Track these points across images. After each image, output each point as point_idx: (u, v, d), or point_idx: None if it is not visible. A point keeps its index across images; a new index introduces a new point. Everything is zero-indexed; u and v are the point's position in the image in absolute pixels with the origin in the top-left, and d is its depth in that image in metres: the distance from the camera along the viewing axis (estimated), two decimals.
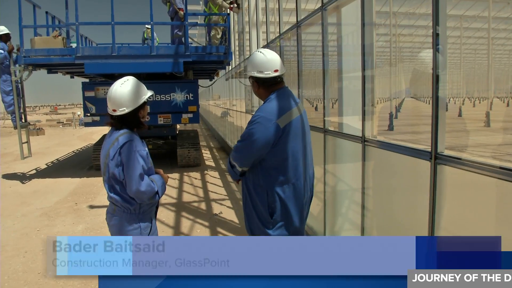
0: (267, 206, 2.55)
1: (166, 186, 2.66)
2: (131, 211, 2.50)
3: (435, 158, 2.06)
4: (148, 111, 2.62)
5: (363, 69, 2.86)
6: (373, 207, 2.91)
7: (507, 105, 39.80)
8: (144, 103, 2.53)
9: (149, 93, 2.56)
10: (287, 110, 2.51)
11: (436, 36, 2.04)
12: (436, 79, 2.02)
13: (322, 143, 3.68)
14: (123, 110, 2.43)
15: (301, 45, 4.37)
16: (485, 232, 1.99)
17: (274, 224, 2.56)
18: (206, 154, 12.77)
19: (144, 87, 2.56)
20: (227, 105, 14.78)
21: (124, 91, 2.44)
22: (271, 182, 2.53)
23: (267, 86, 2.59)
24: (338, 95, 3.63)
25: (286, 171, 2.52)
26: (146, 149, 2.58)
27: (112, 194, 2.50)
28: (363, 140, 2.85)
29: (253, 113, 2.77)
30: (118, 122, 2.50)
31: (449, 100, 44.13)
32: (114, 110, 2.45)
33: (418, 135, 13.96)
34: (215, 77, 13.41)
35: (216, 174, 9.38)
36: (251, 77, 2.59)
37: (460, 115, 27.72)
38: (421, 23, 23.49)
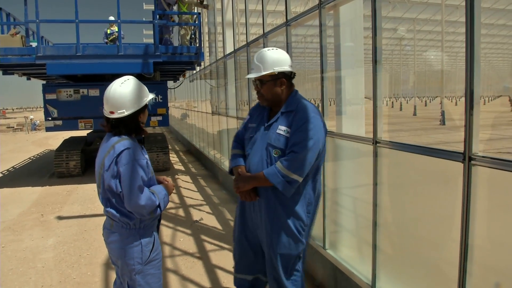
0: (305, 213, 2.50)
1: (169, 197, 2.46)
2: (130, 226, 2.27)
3: (469, 159, 1.99)
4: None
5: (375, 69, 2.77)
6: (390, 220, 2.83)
7: (456, 104, 42.05)
8: (145, 107, 2.31)
9: (150, 96, 2.33)
10: None
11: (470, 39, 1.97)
12: (470, 77, 1.95)
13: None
14: (122, 113, 2.19)
15: (291, 44, 4.25)
16: None
17: (306, 231, 2.55)
18: (173, 158, 12.40)
19: (145, 88, 2.33)
20: (191, 107, 14.49)
21: (125, 91, 2.20)
22: (313, 187, 2.53)
23: (291, 82, 2.57)
24: (336, 94, 3.55)
25: (320, 174, 2.59)
26: (146, 157, 2.36)
27: (108, 209, 2.26)
28: (374, 142, 2.77)
29: (219, 114, 2.69)
30: (115, 127, 2.25)
31: (396, 100, 46.04)
32: (112, 112, 2.20)
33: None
34: (182, 78, 13.07)
35: (187, 178, 9.09)
36: (280, 73, 2.46)
37: (415, 114, 28.89)
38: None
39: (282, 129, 2.45)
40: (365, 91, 3.50)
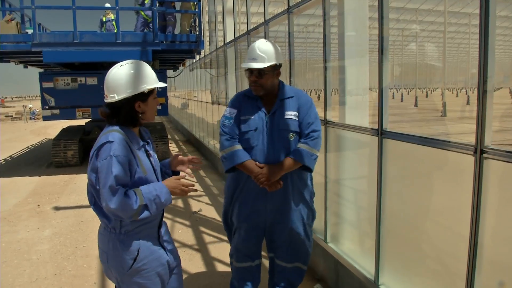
0: (313, 196, 2.87)
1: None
2: (110, 229, 1.98)
3: (481, 152, 1.89)
4: (157, 107, 2.12)
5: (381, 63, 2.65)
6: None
7: (456, 96, 41.88)
8: (145, 94, 1.98)
9: (155, 84, 2.01)
10: None
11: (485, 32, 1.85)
12: (484, 65, 1.84)
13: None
14: (113, 97, 1.93)
15: (293, 32, 4.11)
16: None
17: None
18: (172, 147, 12.30)
19: (150, 75, 2.01)
20: (191, 96, 14.35)
21: (120, 73, 1.93)
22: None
23: None
24: (340, 84, 3.44)
25: None
26: (151, 153, 2.09)
27: (92, 206, 2.02)
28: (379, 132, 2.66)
29: (219, 104, 2.68)
30: (109, 114, 2.02)
31: (398, 90, 45.84)
32: (106, 96, 1.98)
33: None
34: (182, 67, 12.91)
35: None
36: (278, 65, 2.63)
37: (416, 105, 28.75)
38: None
39: (291, 113, 2.63)
40: (369, 81, 3.40)
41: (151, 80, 2.00)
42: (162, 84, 2.07)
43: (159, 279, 2.07)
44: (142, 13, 8.82)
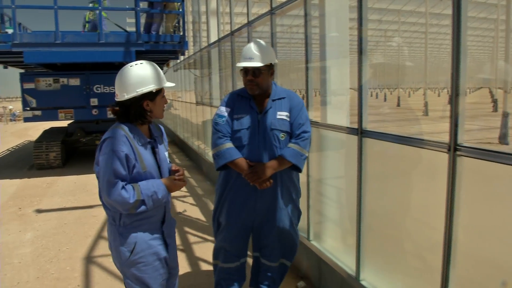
0: (299, 196, 2.97)
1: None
2: (111, 221, 2.13)
3: (455, 149, 1.96)
4: (165, 107, 2.20)
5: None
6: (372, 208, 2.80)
7: (438, 95, 42.60)
8: (153, 94, 2.08)
9: (163, 84, 2.12)
10: None
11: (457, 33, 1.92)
12: (456, 65, 1.91)
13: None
14: (123, 96, 2.05)
15: (276, 33, 4.16)
16: None
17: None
18: None
19: (158, 75, 2.11)
20: (175, 97, 14.30)
21: (130, 73, 2.04)
22: None
23: None
24: (321, 85, 3.50)
25: None
26: (146, 150, 2.10)
27: (100, 198, 2.12)
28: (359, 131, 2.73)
29: (203, 104, 2.72)
30: (119, 112, 2.11)
31: (380, 90, 46.46)
32: (117, 95, 2.10)
33: None
34: (166, 68, 12.85)
35: None
36: (272, 65, 2.69)
37: (398, 105, 29.18)
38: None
39: (283, 114, 2.70)
40: (350, 82, 3.46)
41: (159, 80, 2.11)
42: (170, 84, 2.19)
43: (156, 273, 2.15)
44: (104, 13, 8.79)
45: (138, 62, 2.11)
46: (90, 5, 8.96)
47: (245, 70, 2.67)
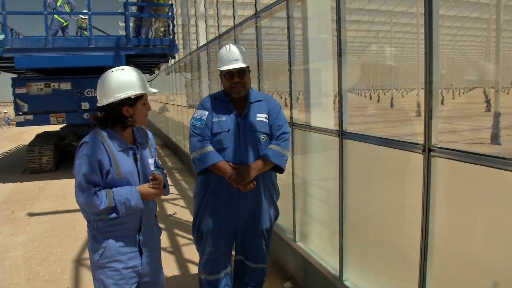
0: (278, 197, 2.99)
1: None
2: (87, 223, 2.13)
3: (429, 150, 2.03)
4: (147, 113, 2.15)
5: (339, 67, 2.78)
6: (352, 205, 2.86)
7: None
8: (132, 99, 2.04)
9: (143, 90, 2.07)
10: None
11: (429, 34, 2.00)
12: (429, 67, 1.98)
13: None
14: (102, 101, 2.05)
15: (261, 36, 4.23)
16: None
17: None
18: None
19: (138, 81, 2.07)
20: (168, 100, 14.34)
21: (109, 79, 2.04)
22: None
23: None
24: (305, 88, 3.56)
25: None
26: (124, 155, 2.07)
27: None
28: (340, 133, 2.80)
29: (194, 107, 2.76)
30: (99, 117, 2.11)
31: (373, 91, 46.66)
32: (98, 101, 2.10)
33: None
34: (157, 71, 12.89)
35: None
36: (248, 67, 2.72)
37: (392, 105, 29.31)
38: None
39: (262, 116, 2.73)
40: (333, 84, 3.52)
41: (140, 86, 2.08)
42: (152, 90, 2.17)
43: (122, 281, 2.10)
44: (57, 16, 8.86)
45: (120, 67, 2.10)
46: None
47: (230, 73, 2.64)
